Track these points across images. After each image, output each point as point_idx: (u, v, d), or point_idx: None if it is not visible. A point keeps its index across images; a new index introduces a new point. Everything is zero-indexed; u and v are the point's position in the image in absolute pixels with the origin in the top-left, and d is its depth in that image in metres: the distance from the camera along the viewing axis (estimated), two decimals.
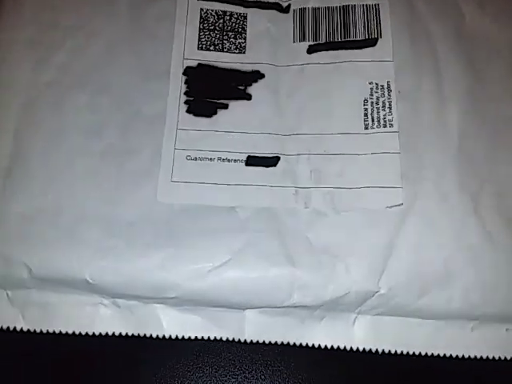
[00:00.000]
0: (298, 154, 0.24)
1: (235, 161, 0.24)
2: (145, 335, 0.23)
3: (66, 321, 0.23)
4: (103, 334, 0.23)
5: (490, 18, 0.26)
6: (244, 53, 0.26)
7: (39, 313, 0.23)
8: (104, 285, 0.22)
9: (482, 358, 0.22)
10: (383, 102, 0.25)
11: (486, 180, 0.23)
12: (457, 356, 0.22)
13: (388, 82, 0.25)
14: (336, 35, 0.26)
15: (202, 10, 0.27)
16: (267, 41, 0.26)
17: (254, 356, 0.23)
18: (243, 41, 0.26)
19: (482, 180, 0.23)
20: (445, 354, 0.22)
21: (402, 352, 0.22)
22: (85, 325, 0.23)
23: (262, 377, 0.23)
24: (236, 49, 0.26)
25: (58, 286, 0.22)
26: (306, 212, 0.23)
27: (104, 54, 0.25)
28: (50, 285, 0.22)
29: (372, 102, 0.25)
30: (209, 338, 0.23)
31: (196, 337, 0.23)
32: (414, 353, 0.22)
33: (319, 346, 0.23)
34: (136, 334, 0.23)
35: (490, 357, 0.22)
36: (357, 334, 0.23)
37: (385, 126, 0.24)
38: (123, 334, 0.23)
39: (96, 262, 0.22)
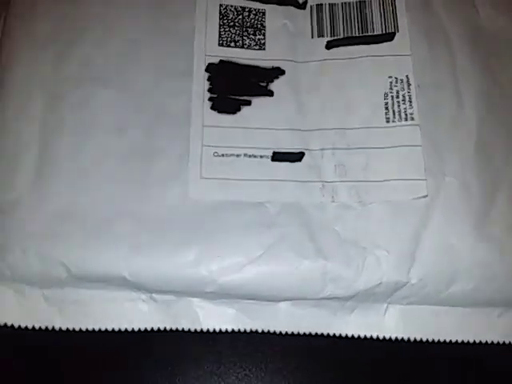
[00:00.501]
0: (322, 149, 0.25)
1: (261, 157, 0.25)
2: (183, 329, 0.23)
3: (103, 318, 0.23)
4: (142, 329, 0.23)
5: (503, 16, 0.26)
6: (264, 49, 0.26)
7: (77, 311, 0.23)
8: (141, 281, 0.23)
9: (510, 343, 0.23)
10: (403, 96, 0.25)
11: (503, 170, 0.24)
12: (486, 342, 0.23)
13: (407, 75, 0.26)
14: (354, 30, 0.27)
15: (221, 6, 0.27)
16: (286, 37, 0.27)
17: (255, 354, 0.24)
18: (262, 37, 0.27)
19: (500, 170, 0.24)
20: (474, 341, 0.23)
21: (432, 340, 0.23)
22: (123, 321, 0.23)
23: (262, 374, 0.24)
24: (256, 45, 0.26)
25: (95, 283, 0.23)
26: (333, 206, 0.24)
27: (125, 51, 0.25)
28: (86, 282, 0.23)
29: (392, 96, 0.25)
30: (245, 330, 0.23)
31: (233, 329, 0.23)
32: (443, 340, 0.23)
33: (352, 336, 0.23)
34: (174, 329, 0.23)
35: None
36: (387, 323, 0.24)
37: (406, 120, 0.25)
38: (161, 328, 0.23)
39: (132, 258, 0.22)
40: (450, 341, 0.24)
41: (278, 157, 0.25)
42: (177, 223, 0.23)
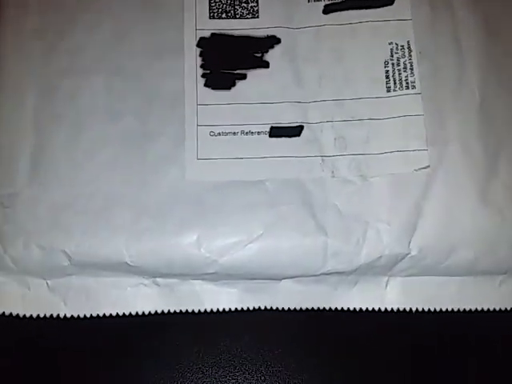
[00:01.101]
0: (322, 122, 0.24)
1: (259, 133, 0.24)
2: (187, 311, 0.23)
3: (108, 303, 0.23)
4: (146, 313, 0.23)
5: None
6: (257, 17, 0.25)
7: (81, 298, 0.23)
8: (143, 266, 0.23)
9: (511, 309, 0.24)
10: (404, 63, 0.24)
11: (506, 135, 0.24)
12: (488, 309, 0.24)
13: (408, 41, 0.24)
14: None
15: None
16: (281, 2, 0.25)
17: (254, 356, 0.24)
18: (255, 4, 0.25)
19: (503, 138, 0.24)
20: (476, 309, 0.24)
21: (434, 310, 0.24)
22: (127, 305, 0.23)
23: (262, 377, 0.24)
24: (249, 13, 0.25)
25: (98, 270, 0.23)
26: (333, 180, 0.24)
27: (114, 34, 0.25)
28: (89, 270, 0.23)
29: (393, 64, 0.24)
30: (248, 308, 0.24)
31: (236, 308, 0.24)
32: (445, 309, 0.24)
33: (354, 309, 0.24)
34: (178, 311, 0.23)
35: None
36: (389, 295, 0.24)
37: (407, 88, 0.24)
38: (165, 311, 0.23)
39: (133, 244, 0.23)
40: (452, 310, 0.24)
41: (275, 132, 0.24)
42: (176, 206, 0.23)
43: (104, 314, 0.23)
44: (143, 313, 0.23)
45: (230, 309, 0.24)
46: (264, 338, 0.24)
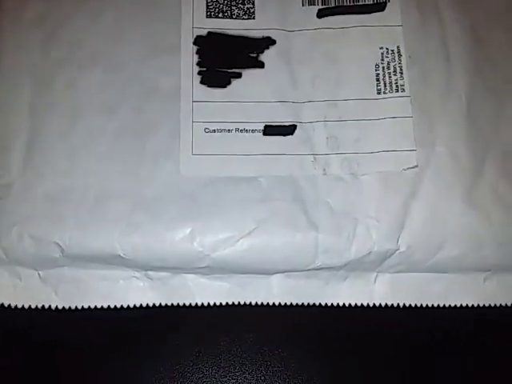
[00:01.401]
0: (314, 122, 0.25)
1: (253, 131, 0.25)
2: (178, 305, 0.24)
3: (99, 296, 0.23)
4: (137, 305, 0.23)
5: None
6: (254, 18, 0.26)
7: (72, 290, 0.23)
8: (136, 259, 0.23)
9: (495, 305, 0.24)
10: (394, 67, 0.25)
11: (492, 139, 0.25)
12: (472, 306, 0.24)
13: (398, 46, 0.25)
14: None
15: None
16: (276, 5, 0.26)
17: (254, 356, 0.24)
18: (251, 6, 0.26)
19: (489, 141, 0.25)
20: (461, 305, 0.24)
21: (421, 305, 0.24)
22: (119, 298, 0.23)
23: (262, 378, 0.24)
24: (245, 14, 0.26)
25: (90, 262, 0.23)
26: (325, 178, 0.24)
27: (112, 29, 0.25)
28: (81, 262, 0.23)
29: (383, 67, 0.25)
30: (239, 303, 0.24)
31: (227, 303, 0.24)
32: (431, 305, 0.24)
33: (344, 305, 0.24)
34: (169, 304, 0.24)
35: (503, 304, 0.24)
36: (377, 291, 0.24)
37: (397, 91, 0.25)
38: (156, 304, 0.23)
39: (126, 237, 0.23)
40: (438, 305, 0.24)
41: (269, 130, 0.25)
42: (169, 200, 0.23)
43: (95, 307, 0.23)
44: (135, 306, 0.23)
45: (221, 303, 0.24)
46: (264, 337, 0.24)
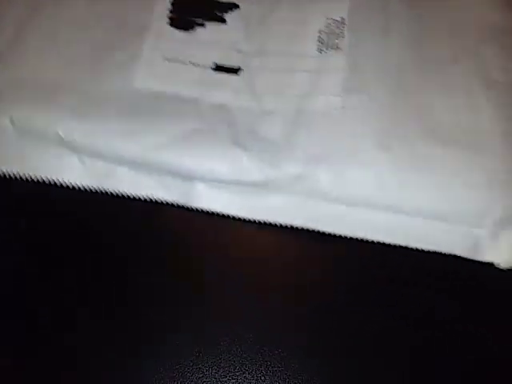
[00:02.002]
0: (260, 68, 0.29)
1: (204, 66, 0.28)
2: (106, 191, 0.26)
3: (40, 168, 0.26)
4: (70, 185, 0.26)
5: None
6: None
7: (17, 159, 0.26)
8: (74, 142, 0.26)
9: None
10: (337, 34, 0.29)
11: (413, 94, 0.27)
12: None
13: (342, 17, 0.30)
14: None
15: None
16: None
17: (254, 356, 0.24)
18: None
19: (410, 94, 0.27)
20: None
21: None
22: (56, 173, 0.26)
23: (262, 378, 0.24)
24: None
25: (36, 139, 0.26)
26: (257, 110, 0.27)
27: None
28: (28, 136, 0.26)
29: (327, 33, 0.29)
30: (160, 200, 0.26)
31: (147, 195, 0.26)
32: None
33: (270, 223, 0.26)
34: (97, 188, 0.26)
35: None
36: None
37: (336, 49, 0.29)
38: (85, 185, 0.26)
39: (69, 121, 0.26)
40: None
41: (218, 68, 0.28)
42: (117, 103, 0.27)
43: (30, 177, 0.26)
44: (66, 185, 0.26)
45: (142, 196, 0.26)
46: (264, 337, 0.24)
